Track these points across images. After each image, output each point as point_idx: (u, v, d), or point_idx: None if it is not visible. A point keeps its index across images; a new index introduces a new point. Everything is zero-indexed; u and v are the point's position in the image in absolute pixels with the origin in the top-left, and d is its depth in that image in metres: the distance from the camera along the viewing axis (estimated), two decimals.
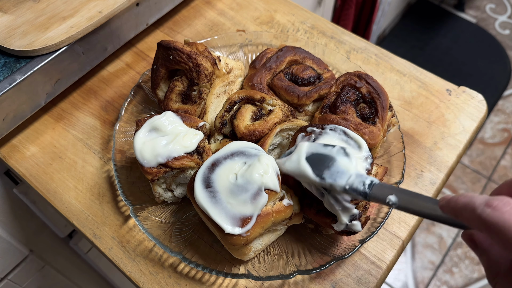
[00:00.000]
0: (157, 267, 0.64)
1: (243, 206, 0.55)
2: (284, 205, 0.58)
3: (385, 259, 0.65)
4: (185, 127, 0.64)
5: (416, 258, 1.86)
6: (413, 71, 0.86)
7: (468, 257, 1.86)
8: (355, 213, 0.57)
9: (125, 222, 0.68)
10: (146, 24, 0.87)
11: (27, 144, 0.76)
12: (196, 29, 0.93)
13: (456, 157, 0.76)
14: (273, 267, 0.62)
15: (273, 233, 0.63)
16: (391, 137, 0.73)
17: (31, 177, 0.73)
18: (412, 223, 0.68)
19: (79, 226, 0.68)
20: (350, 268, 0.64)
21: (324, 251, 0.63)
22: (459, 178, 2.07)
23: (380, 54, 0.89)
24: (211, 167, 0.58)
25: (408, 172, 0.74)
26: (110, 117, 0.80)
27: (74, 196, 0.71)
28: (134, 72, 0.86)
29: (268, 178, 0.55)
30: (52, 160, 0.75)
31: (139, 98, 0.78)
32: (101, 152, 0.76)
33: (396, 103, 0.82)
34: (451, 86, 0.85)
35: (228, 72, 0.74)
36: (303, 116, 0.74)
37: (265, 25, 0.93)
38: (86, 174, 0.73)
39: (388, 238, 0.67)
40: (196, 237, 0.66)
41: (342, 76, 0.71)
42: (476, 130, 0.80)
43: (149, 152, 0.61)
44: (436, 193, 0.72)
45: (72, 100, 0.82)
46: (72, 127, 0.79)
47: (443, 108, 0.82)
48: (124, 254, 0.65)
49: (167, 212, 0.68)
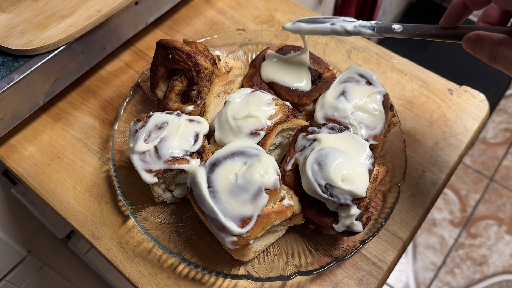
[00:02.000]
0: (156, 268, 0.64)
1: (243, 207, 0.55)
2: (284, 206, 0.58)
3: (386, 260, 0.65)
4: (179, 120, 0.64)
5: (418, 259, 1.86)
6: (415, 71, 0.87)
7: (470, 258, 1.86)
8: (356, 213, 0.57)
9: (124, 222, 0.68)
10: (145, 23, 0.87)
11: (25, 144, 0.76)
12: (196, 28, 0.93)
13: (458, 157, 0.76)
14: (273, 268, 0.62)
15: (273, 234, 0.63)
16: (392, 137, 0.73)
17: (29, 177, 0.73)
18: (413, 224, 0.68)
19: (77, 226, 0.68)
20: (351, 269, 0.64)
21: (325, 252, 0.63)
22: (460, 178, 2.07)
23: (381, 53, 0.89)
24: (211, 167, 0.58)
25: (410, 172, 0.74)
26: (109, 117, 0.80)
27: (72, 196, 0.71)
28: (133, 72, 0.86)
29: (268, 178, 0.56)
30: (51, 160, 0.75)
31: (138, 98, 0.78)
32: (99, 152, 0.76)
33: (397, 102, 0.82)
34: (452, 85, 0.85)
35: (227, 72, 0.74)
36: (304, 116, 0.74)
37: (265, 24, 0.93)
38: (85, 174, 0.73)
39: (389, 239, 0.67)
40: (196, 237, 0.66)
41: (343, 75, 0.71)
42: (478, 130, 0.80)
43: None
44: (438, 194, 0.72)
45: (71, 99, 0.82)
46: (70, 127, 0.79)
47: (445, 107, 0.82)
48: (123, 255, 0.66)
49: (166, 212, 0.68)
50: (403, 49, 2.44)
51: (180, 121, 0.64)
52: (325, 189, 0.56)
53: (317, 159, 0.58)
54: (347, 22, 0.66)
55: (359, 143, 0.60)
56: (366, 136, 0.65)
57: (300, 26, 0.70)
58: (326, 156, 0.57)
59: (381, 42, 2.44)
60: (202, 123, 0.66)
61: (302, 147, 0.62)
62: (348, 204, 0.56)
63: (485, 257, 1.86)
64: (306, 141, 0.62)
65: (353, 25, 0.65)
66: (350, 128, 0.64)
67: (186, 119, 0.65)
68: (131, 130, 0.66)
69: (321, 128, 0.63)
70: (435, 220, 1.96)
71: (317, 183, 0.57)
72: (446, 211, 1.98)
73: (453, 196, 2.02)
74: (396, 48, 2.27)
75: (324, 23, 0.68)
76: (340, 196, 0.56)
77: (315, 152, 0.59)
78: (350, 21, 0.67)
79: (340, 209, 0.57)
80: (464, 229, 1.93)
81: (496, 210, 1.98)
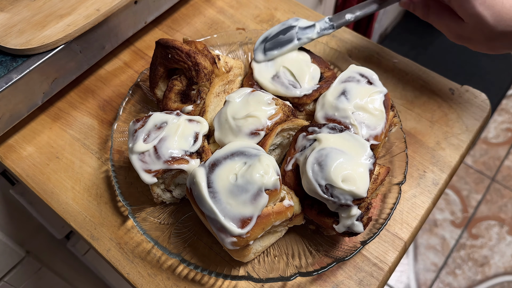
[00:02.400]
0: (156, 269, 0.64)
1: (243, 207, 0.55)
2: (284, 206, 0.58)
3: (387, 261, 0.65)
4: (178, 119, 0.64)
5: (419, 260, 1.86)
6: (416, 70, 0.86)
7: (471, 258, 1.86)
8: (357, 214, 0.57)
9: (123, 223, 0.68)
10: (144, 22, 0.87)
11: (23, 144, 0.76)
12: (195, 27, 0.93)
13: (459, 157, 0.76)
14: (273, 269, 0.62)
15: (273, 235, 0.63)
16: (393, 137, 0.73)
17: (27, 178, 0.73)
18: (414, 224, 0.68)
19: (76, 227, 0.68)
20: (352, 270, 0.64)
21: (325, 253, 0.63)
22: (462, 179, 2.07)
23: (382, 52, 0.89)
24: (211, 167, 0.58)
25: (411, 172, 0.74)
26: (108, 117, 0.80)
27: (71, 197, 0.71)
28: (132, 71, 0.86)
29: (268, 179, 0.55)
30: (49, 160, 0.75)
31: (138, 98, 0.78)
32: (98, 152, 0.76)
33: (398, 102, 0.82)
34: (454, 85, 0.85)
35: (227, 71, 0.74)
36: (304, 116, 0.74)
37: (265, 23, 0.93)
38: (84, 174, 0.73)
39: (390, 240, 0.67)
40: (195, 238, 0.66)
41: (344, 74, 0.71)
42: (480, 130, 0.80)
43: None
44: (439, 194, 0.72)
45: (70, 99, 0.82)
46: (69, 127, 0.79)
47: (446, 107, 0.82)
48: (122, 256, 0.65)
49: (165, 213, 0.68)
50: (404, 49, 2.44)
51: (180, 121, 0.64)
52: (325, 189, 0.56)
53: (317, 159, 0.58)
54: (307, 29, 0.75)
55: (360, 143, 0.60)
56: (366, 136, 0.65)
57: (272, 54, 0.74)
58: (327, 156, 0.57)
59: (381, 42, 2.44)
60: (201, 123, 0.66)
61: (302, 147, 0.62)
62: (348, 205, 0.56)
63: (487, 258, 1.86)
64: (307, 141, 0.62)
65: (315, 31, 0.75)
66: (351, 128, 0.64)
67: (186, 119, 0.65)
68: (130, 130, 0.66)
69: (321, 128, 0.62)
70: (436, 220, 1.96)
71: (318, 184, 0.57)
72: (448, 212, 1.98)
73: (455, 197, 2.02)
74: (397, 48, 2.26)
75: (285, 34, 0.74)
76: (341, 196, 0.56)
77: (316, 152, 0.59)
78: (308, 25, 0.75)
79: (340, 209, 0.57)
80: (465, 229, 1.93)
81: (498, 211, 1.98)
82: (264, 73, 0.74)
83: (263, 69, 0.74)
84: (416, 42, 2.49)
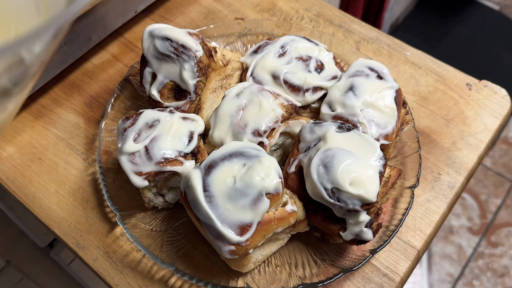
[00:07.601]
0: (147, 280, 0.64)
1: (242, 213, 0.55)
2: (287, 211, 0.58)
3: (399, 271, 0.65)
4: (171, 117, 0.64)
5: (433, 270, 1.86)
6: (430, 64, 0.87)
7: (490, 268, 1.86)
8: (366, 220, 0.58)
9: (112, 230, 0.69)
10: (134, 11, 0.87)
11: (3, 144, 0.77)
12: (190, 17, 0.93)
13: (477, 158, 0.76)
14: (274, 280, 0.62)
15: (275, 242, 0.63)
16: (405, 137, 0.73)
17: (7, 181, 0.73)
18: (428, 231, 0.68)
19: (60, 234, 0.68)
20: (360, 281, 0.64)
21: (331, 262, 0.64)
22: (480, 182, 2.07)
23: (393, 44, 0.89)
24: (207, 169, 0.58)
25: (424, 175, 0.74)
26: (95, 114, 0.80)
27: (55, 201, 0.71)
28: (122, 65, 0.86)
29: (269, 182, 0.56)
30: (31, 162, 0.75)
31: (127, 93, 0.78)
32: (85, 153, 0.76)
33: (410, 99, 0.82)
34: (471, 80, 0.85)
35: (225, 65, 0.74)
36: (309, 114, 0.74)
37: (266, 12, 0.94)
38: (69, 177, 0.73)
39: (402, 248, 0.67)
40: (190, 246, 0.66)
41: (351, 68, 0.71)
42: (499, 129, 0.80)
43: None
44: (455, 198, 0.72)
45: (53, 95, 0.83)
46: (53, 125, 0.79)
47: (463, 104, 0.82)
48: (110, 266, 0.66)
49: (158, 219, 0.68)
50: (417, 40, 2.44)
51: (173, 119, 0.64)
52: (331, 193, 0.57)
53: (323, 160, 0.58)
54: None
55: (369, 143, 0.60)
56: (376, 136, 0.65)
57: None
58: (333, 157, 0.58)
59: (393, 33, 2.44)
60: (197, 121, 0.66)
61: (306, 147, 0.62)
62: (356, 210, 0.56)
63: (507, 267, 1.86)
64: (311, 141, 0.62)
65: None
66: (359, 126, 0.64)
67: (180, 117, 0.65)
68: (119, 128, 0.66)
69: (327, 126, 0.63)
70: (452, 227, 1.96)
71: (323, 187, 0.57)
72: (464, 218, 1.98)
73: (472, 201, 2.02)
74: (409, 39, 2.27)
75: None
76: (348, 201, 0.56)
77: (321, 153, 0.59)
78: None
79: (348, 215, 0.57)
80: (484, 237, 1.94)
81: None
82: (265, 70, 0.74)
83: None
84: (430, 33, 2.49)
